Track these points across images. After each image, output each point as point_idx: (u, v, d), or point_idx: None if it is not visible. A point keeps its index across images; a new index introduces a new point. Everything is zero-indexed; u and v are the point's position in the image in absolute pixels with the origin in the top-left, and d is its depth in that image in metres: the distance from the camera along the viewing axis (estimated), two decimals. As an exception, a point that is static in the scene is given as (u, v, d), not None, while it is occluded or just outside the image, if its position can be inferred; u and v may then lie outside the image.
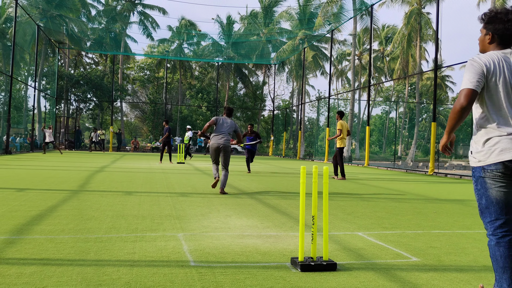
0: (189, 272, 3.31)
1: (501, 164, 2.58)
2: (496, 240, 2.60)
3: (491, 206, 2.62)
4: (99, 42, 39.55)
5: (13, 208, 5.80)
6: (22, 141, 30.25)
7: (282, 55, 38.36)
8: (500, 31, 2.67)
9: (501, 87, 2.61)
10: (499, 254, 2.57)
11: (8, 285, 2.88)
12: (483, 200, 2.65)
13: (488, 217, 2.64)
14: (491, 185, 2.61)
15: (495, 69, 2.61)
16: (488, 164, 2.61)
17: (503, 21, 2.65)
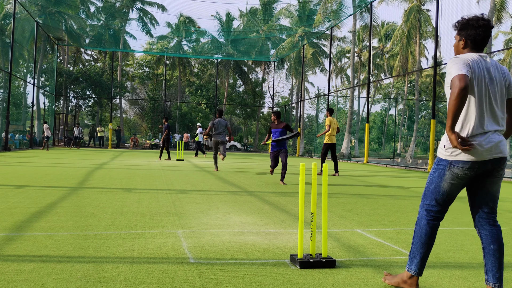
0: (188, 269, 3.31)
1: (469, 163, 2.73)
2: (427, 220, 2.88)
3: (438, 194, 2.84)
4: (98, 39, 39.48)
5: (12, 205, 5.80)
6: (21, 138, 30.23)
7: (282, 52, 38.32)
8: (472, 37, 2.85)
9: (477, 86, 2.74)
10: (425, 232, 2.86)
11: (8, 282, 2.88)
12: (432, 186, 2.87)
13: (429, 200, 2.89)
14: (448, 179, 2.80)
15: (474, 68, 2.74)
16: (457, 160, 2.75)
17: (474, 27, 2.84)
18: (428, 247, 2.87)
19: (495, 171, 2.80)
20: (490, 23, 2.86)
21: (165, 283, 2.98)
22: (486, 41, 2.87)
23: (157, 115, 45.39)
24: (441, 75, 46.57)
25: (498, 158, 2.76)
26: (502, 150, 2.77)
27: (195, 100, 44.80)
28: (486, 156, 2.72)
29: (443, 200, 2.86)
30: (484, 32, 2.84)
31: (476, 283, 3.21)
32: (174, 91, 50.51)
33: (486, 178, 2.83)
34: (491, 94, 2.77)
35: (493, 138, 2.74)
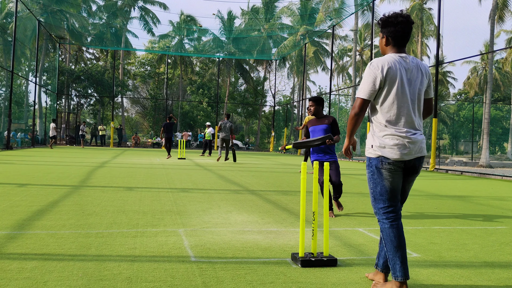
0: (190, 267, 3.32)
1: (396, 161, 2.85)
2: (389, 223, 2.89)
3: (385, 194, 2.89)
4: (100, 37, 39.47)
5: (14, 203, 5.82)
6: (23, 136, 30.27)
7: (283, 51, 38.27)
8: (392, 33, 2.93)
9: (395, 88, 2.84)
10: (393, 235, 2.86)
11: (10, 280, 2.89)
12: (378, 188, 2.92)
13: (382, 203, 2.91)
14: (386, 176, 2.87)
15: (391, 72, 2.83)
16: (385, 157, 2.86)
17: (393, 23, 2.92)
18: (402, 248, 2.86)
19: (415, 169, 2.92)
20: (409, 19, 2.94)
21: (166, 281, 2.99)
22: (407, 37, 2.94)
23: (159, 114, 45.39)
24: (443, 74, 46.49)
25: (419, 157, 2.88)
26: (421, 149, 2.88)
27: (197, 99, 44.79)
28: (409, 155, 2.84)
29: (393, 198, 2.91)
30: (403, 28, 2.91)
31: (478, 282, 3.21)
32: (176, 89, 50.50)
33: (406, 176, 2.95)
34: (409, 96, 2.86)
35: (415, 138, 2.85)
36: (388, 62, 2.85)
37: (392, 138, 2.85)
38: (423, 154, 2.90)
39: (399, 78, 2.83)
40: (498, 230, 5.24)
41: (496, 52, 35.28)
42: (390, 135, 2.85)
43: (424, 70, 2.94)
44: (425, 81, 2.94)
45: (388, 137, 2.86)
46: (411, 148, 2.84)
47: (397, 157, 2.83)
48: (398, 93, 2.84)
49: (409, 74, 2.87)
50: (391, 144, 2.84)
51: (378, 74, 2.83)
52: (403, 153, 2.83)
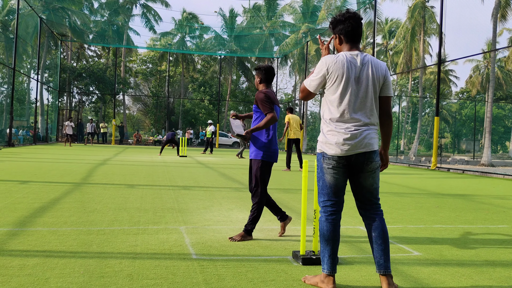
0: (191, 264, 3.32)
1: (334, 157, 2.88)
2: (325, 217, 2.94)
3: (325, 188, 2.94)
4: (102, 35, 39.47)
5: (16, 200, 5.83)
6: (25, 133, 30.32)
7: (285, 49, 38.23)
8: (343, 30, 2.96)
9: (340, 85, 2.86)
10: (326, 229, 2.92)
11: (11, 277, 2.90)
12: (320, 182, 2.97)
13: (322, 197, 2.97)
14: (327, 171, 2.91)
15: (336, 69, 2.86)
16: (326, 153, 2.91)
17: (341, 21, 2.96)
18: (333, 243, 2.90)
19: (364, 165, 2.89)
20: (356, 14, 2.96)
21: (167, 278, 2.99)
22: (358, 32, 2.95)
23: (160, 112, 45.40)
24: (445, 72, 46.39)
25: (363, 152, 2.86)
26: (366, 144, 2.85)
27: (198, 97, 44.78)
28: (349, 151, 2.84)
29: (333, 193, 2.93)
30: (352, 24, 2.93)
31: (479, 281, 3.21)
32: (177, 87, 50.50)
33: (357, 172, 2.92)
34: (354, 94, 2.86)
35: (355, 134, 2.84)
36: (336, 59, 2.88)
37: (332, 134, 2.88)
38: (368, 150, 2.86)
39: (345, 75, 2.85)
40: (499, 228, 5.23)
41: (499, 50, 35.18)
42: (331, 131, 2.89)
43: (376, 68, 2.92)
44: (378, 79, 2.92)
45: (330, 133, 2.89)
46: (350, 143, 2.83)
47: (335, 153, 2.86)
48: (342, 90, 2.86)
49: (358, 71, 2.87)
50: (332, 140, 2.87)
51: (323, 70, 2.90)
52: (342, 149, 2.84)
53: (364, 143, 2.86)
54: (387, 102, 3.00)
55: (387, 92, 2.98)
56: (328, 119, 2.91)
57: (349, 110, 2.87)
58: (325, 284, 2.90)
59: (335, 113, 2.89)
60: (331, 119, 2.90)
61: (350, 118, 2.86)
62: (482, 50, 37.98)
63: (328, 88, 2.91)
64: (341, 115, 2.87)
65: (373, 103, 2.93)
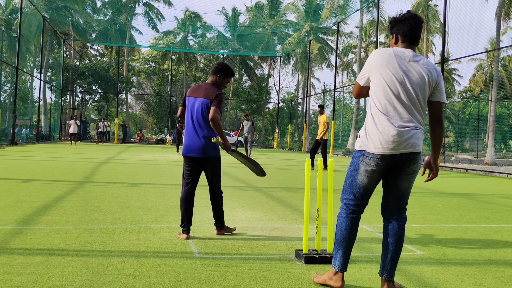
0: (194, 263, 3.32)
1: (378, 155, 2.74)
2: (346, 213, 2.88)
3: (354, 188, 2.85)
4: (105, 33, 39.50)
5: (19, 198, 5.84)
6: (28, 132, 30.40)
7: (288, 48, 38.18)
8: (401, 30, 2.85)
9: (387, 78, 2.75)
10: (344, 226, 2.86)
11: (14, 275, 2.91)
12: (349, 180, 2.88)
13: (347, 195, 2.89)
14: (363, 172, 2.79)
15: (385, 61, 2.76)
16: (368, 152, 2.77)
17: (400, 20, 2.87)
18: (349, 241, 2.84)
19: (406, 166, 2.76)
20: (416, 15, 2.85)
21: (170, 277, 2.99)
22: (415, 33, 2.83)
23: (163, 110, 45.44)
24: (449, 71, 46.25)
25: (408, 152, 2.72)
26: (412, 144, 2.72)
27: (201, 95, 44.74)
28: (394, 150, 2.70)
29: (361, 196, 2.85)
30: (411, 24, 2.82)
31: (482, 280, 3.20)
32: (180, 86, 50.51)
33: (396, 174, 2.80)
34: (402, 91, 2.72)
35: (402, 132, 2.70)
36: (384, 50, 2.80)
37: (376, 132, 2.74)
38: (414, 150, 2.73)
39: (392, 71, 2.73)
40: (503, 228, 5.22)
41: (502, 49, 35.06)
42: (375, 127, 2.75)
43: (429, 69, 2.76)
44: (430, 81, 2.75)
45: (374, 129, 2.75)
46: (397, 141, 2.69)
47: (378, 151, 2.72)
48: (388, 82, 2.73)
49: (407, 66, 2.74)
50: (376, 137, 2.73)
51: (370, 62, 2.83)
52: (387, 147, 2.70)
53: (411, 143, 2.71)
54: (439, 108, 2.83)
55: (440, 98, 2.81)
56: (372, 113, 2.79)
57: (395, 107, 2.73)
58: (334, 281, 2.85)
59: (380, 108, 2.75)
60: (376, 115, 2.76)
61: (397, 115, 2.72)
62: (485, 49, 37.86)
63: (374, 80, 2.80)
64: (386, 111, 2.74)
65: (422, 103, 2.77)
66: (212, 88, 4.12)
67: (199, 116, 4.08)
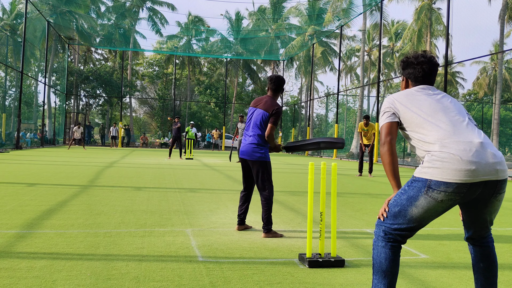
0: (197, 267, 3.32)
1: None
2: (386, 242, 2.38)
3: (405, 219, 2.35)
4: (109, 38, 39.70)
5: (24, 202, 5.86)
6: (33, 136, 30.53)
7: (291, 51, 38.24)
8: (412, 75, 2.60)
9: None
10: (385, 257, 2.35)
11: (19, 279, 2.92)
12: (398, 209, 2.37)
13: (393, 221, 2.37)
14: (421, 204, 2.31)
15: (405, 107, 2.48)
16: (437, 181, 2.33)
17: (412, 64, 2.60)
18: (392, 276, 2.35)
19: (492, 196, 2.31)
20: (432, 59, 2.59)
21: (174, 281, 2.99)
22: (429, 79, 2.59)
23: (167, 114, 45.52)
24: (452, 74, 46.16)
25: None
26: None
27: (205, 99, 44.88)
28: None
29: (417, 225, 2.35)
30: (424, 70, 2.56)
31: (487, 284, 3.18)
32: (184, 90, 50.64)
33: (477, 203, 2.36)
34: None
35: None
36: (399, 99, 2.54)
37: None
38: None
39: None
40: (507, 231, 5.19)
41: (506, 52, 34.96)
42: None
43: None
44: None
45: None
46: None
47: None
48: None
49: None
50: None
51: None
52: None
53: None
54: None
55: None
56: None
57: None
58: None
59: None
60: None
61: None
62: (489, 52, 37.78)
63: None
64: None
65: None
66: (271, 101, 4.54)
67: (254, 125, 4.51)
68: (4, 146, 22.33)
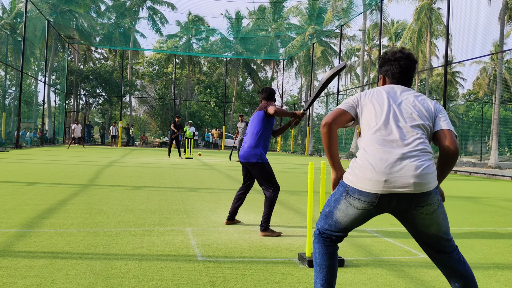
0: (197, 266, 3.32)
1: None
2: (319, 238, 2.38)
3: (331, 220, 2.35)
4: (109, 37, 39.69)
5: (24, 201, 5.87)
6: (32, 135, 30.52)
7: (291, 51, 38.23)
8: (389, 72, 2.51)
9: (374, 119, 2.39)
10: (318, 251, 2.36)
11: (19, 278, 2.92)
12: (327, 209, 2.37)
13: (323, 223, 2.37)
14: (342, 207, 2.31)
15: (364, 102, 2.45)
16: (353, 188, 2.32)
17: (389, 61, 2.51)
18: (327, 269, 2.32)
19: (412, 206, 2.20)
20: (409, 56, 2.49)
21: (173, 280, 3.00)
22: (406, 75, 2.49)
23: (167, 114, 45.53)
24: (452, 74, 46.16)
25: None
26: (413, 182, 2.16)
27: (205, 99, 44.86)
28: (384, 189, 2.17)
29: (337, 228, 2.34)
30: (402, 66, 2.46)
31: (486, 284, 3.19)
32: (184, 89, 50.64)
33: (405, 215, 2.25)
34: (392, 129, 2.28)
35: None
36: (369, 93, 2.49)
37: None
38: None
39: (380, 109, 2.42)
40: (507, 231, 5.20)
41: (506, 52, 34.96)
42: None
43: (423, 105, 2.43)
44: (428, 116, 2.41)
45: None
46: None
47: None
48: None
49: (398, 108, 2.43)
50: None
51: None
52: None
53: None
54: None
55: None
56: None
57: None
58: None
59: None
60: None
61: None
62: (489, 52, 37.79)
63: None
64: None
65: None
66: (265, 103, 4.76)
67: (251, 128, 4.68)
68: (4, 145, 22.33)
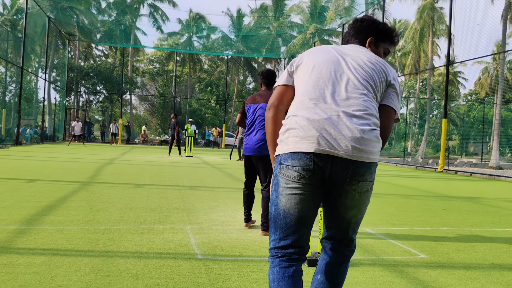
0: (196, 264, 3.32)
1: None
2: (279, 260, 1.86)
3: (279, 218, 1.87)
4: (109, 34, 39.64)
5: (23, 198, 5.86)
6: (33, 132, 30.52)
7: (292, 49, 38.18)
8: (348, 34, 2.25)
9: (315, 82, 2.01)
10: (272, 278, 1.85)
11: (18, 275, 2.91)
12: (272, 209, 1.89)
13: (274, 233, 1.89)
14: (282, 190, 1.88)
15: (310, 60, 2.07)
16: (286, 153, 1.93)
17: (348, 30, 2.27)
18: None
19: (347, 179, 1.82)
20: (365, 17, 2.22)
21: (172, 278, 2.99)
22: (361, 31, 2.18)
23: (167, 111, 45.51)
24: (454, 74, 46.10)
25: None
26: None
27: (205, 97, 44.84)
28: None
29: (289, 228, 1.84)
30: (354, 27, 2.21)
31: (486, 284, 3.18)
32: (184, 87, 50.61)
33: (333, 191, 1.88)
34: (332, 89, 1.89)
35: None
36: (317, 50, 2.15)
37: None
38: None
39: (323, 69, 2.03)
40: (507, 232, 5.19)
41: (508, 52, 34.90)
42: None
43: (378, 68, 2.10)
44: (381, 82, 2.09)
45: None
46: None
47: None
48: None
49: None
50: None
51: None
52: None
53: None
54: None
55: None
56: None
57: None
58: None
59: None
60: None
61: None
62: (491, 52, 37.73)
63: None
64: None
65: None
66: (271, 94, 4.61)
67: (261, 120, 4.48)
68: (4, 142, 22.33)
